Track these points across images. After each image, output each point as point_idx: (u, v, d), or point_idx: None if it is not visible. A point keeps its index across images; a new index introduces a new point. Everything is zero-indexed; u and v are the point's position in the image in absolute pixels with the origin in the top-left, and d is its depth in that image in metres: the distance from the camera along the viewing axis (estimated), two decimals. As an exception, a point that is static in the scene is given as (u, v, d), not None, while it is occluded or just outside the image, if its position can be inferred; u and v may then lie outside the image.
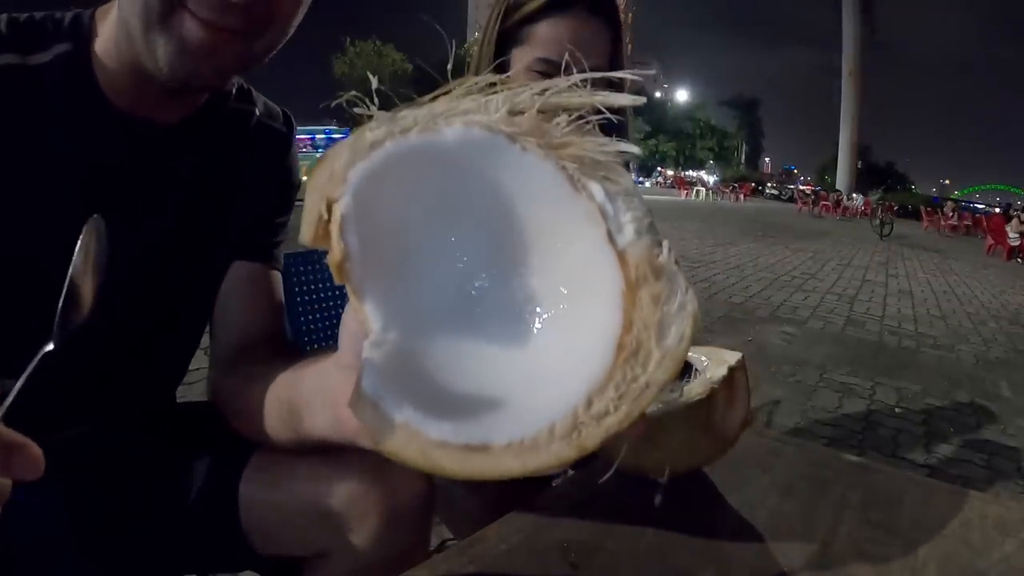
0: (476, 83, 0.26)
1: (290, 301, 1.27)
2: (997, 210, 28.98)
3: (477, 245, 0.27)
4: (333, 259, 0.26)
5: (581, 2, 0.85)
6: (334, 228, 0.25)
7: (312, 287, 1.33)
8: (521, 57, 0.89)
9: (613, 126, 0.26)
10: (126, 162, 0.61)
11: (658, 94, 62.02)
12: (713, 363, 0.67)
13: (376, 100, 0.26)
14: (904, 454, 2.63)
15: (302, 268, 1.30)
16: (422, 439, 0.23)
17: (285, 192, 0.75)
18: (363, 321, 0.26)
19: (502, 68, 0.91)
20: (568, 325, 0.26)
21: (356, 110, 0.26)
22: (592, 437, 0.22)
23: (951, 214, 25.17)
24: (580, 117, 0.25)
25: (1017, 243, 13.37)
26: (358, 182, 0.25)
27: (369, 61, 31.90)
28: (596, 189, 0.24)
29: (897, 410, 3.16)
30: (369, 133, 0.25)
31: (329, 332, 1.35)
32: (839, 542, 0.63)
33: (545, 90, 0.25)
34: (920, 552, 0.63)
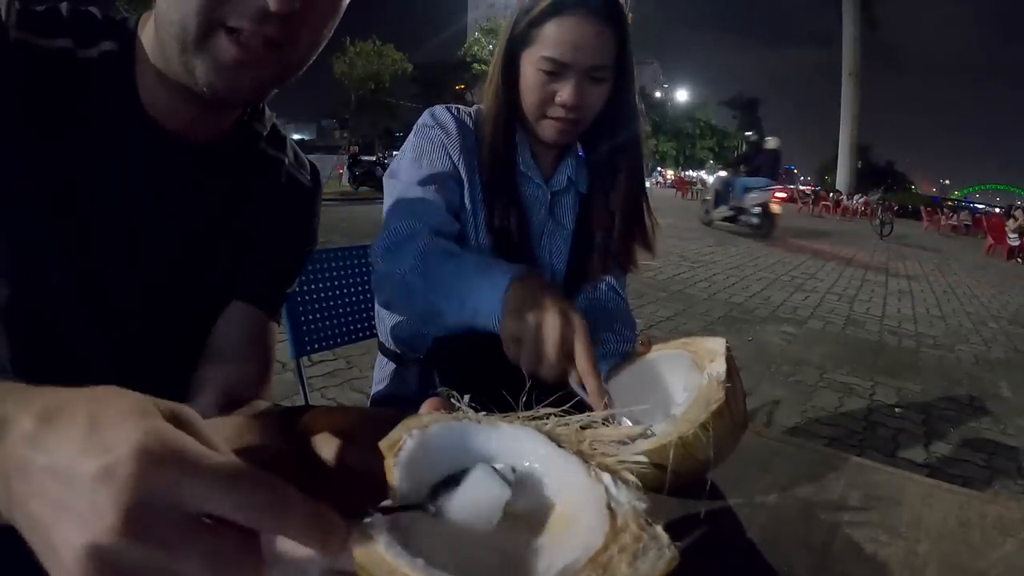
0: (534, 414, 0.36)
1: (290, 301, 1.28)
2: (997, 210, 28.91)
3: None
4: (389, 480, 0.33)
5: (585, 5, 0.87)
6: (390, 463, 0.33)
7: (312, 287, 1.34)
8: (529, 57, 0.92)
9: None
10: (153, 175, 0.61)
11: (658, 94, 61.91)
12: (704, 358, 0.67)
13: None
14: (904, 454, 2.63)
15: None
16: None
17: (301, 246, 0.75)
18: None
19: (512, 71, 0.94)
20: (555, 544, 0.32)
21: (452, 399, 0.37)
22: None
23: (952, 214, 25.13)
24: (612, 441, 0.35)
25: (1017, 243, 13.36)
26: (431, 431, 0.35)
27: (369, 61, 31.84)
28: (606, 477, 0.33)
29: (897, 410, 3.16)
30: (453, 415, 0.36)
31: (329, 332, 1.35)
32: (839, 542, 0.63)
33: (586, 426, 0.36)
34: (920, 552, 0.63)
